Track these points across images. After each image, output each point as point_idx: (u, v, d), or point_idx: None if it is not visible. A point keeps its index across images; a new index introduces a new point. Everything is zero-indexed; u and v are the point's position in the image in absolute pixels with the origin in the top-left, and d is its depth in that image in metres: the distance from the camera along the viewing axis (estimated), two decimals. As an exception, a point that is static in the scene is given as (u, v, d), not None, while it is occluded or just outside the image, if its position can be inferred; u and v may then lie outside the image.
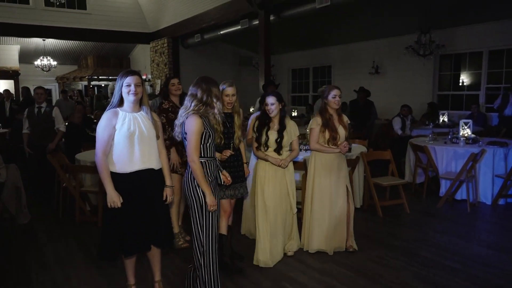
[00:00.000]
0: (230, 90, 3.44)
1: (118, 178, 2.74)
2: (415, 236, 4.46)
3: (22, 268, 3.80)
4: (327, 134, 3.86)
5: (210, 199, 2.80)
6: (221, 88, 3.42)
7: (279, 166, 3.67)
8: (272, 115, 3.67)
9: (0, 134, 8.65)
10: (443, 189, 5.72)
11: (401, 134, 7.97)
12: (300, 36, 11.97)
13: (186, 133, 2.81)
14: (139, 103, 2.84)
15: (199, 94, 2.84)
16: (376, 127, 9.35)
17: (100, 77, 16.06)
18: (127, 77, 2.75)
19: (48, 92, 14.14)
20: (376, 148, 7.79)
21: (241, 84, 13.89)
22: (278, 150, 3.71)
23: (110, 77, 16.35)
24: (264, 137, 3.66)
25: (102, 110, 8.99)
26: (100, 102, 13.12)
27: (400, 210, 5.30)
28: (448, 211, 5.36)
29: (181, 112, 2.88)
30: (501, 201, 5.53)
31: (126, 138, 2.73)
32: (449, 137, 6.09)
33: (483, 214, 5.22)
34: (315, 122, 3.93)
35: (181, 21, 11.75)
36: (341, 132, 3.91)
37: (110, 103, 2.81)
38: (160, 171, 2.93)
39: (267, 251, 3.69)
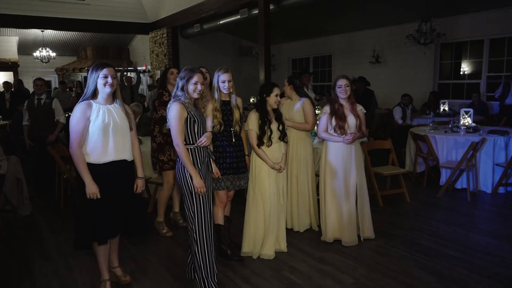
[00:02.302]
0: (225, 76, 3.40)
1: (92, 169, 2.77)
2: (415, 225, 4.48)
3: (24, 259, 3.83)
4: (334, 123, 3.86)
5: (196, 181, 2.88)
6: (216, 75, 3.41)
7: (279, 171, 3.65)
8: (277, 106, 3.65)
9: (1, 126, 8.65)
10: (443, 178, 5.73)
11: (402, 123, 7.96)
12: (300, 25, 11.87)
13: (169, 120, 2.92)
14: (112, 96, 2.87)
15: (180, 83, 2.95)
16: (376, 116, 9.33)
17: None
18: (103, 69, 2.76)
19: (48, 83, 14.10)
20: (377, 137, 7.78)
21: (241, 75, 13.89)
22: (283, 137, 3.69)
23: (109, 68, 16.30)
24: (268, 133, 3.60)
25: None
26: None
27: (401, 200, 5.31)
28: (449, 200, 5.37)
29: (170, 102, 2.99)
30: (501, 190, 5.54)
31: (100, 130, 2.76)
32: (450, 126, 6.08)
33: (483, 203, 5.23)
34: (324, 111, 3.96)
35: (180, 11, 11.65)
36: (351, 121, 3.88)
37: (83, 95, 2.81)
38: (132, 162, 2.99)
39: (272, 245, 3.71)
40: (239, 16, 10.29)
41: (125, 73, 11.15)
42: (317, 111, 4.88)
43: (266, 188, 3.64)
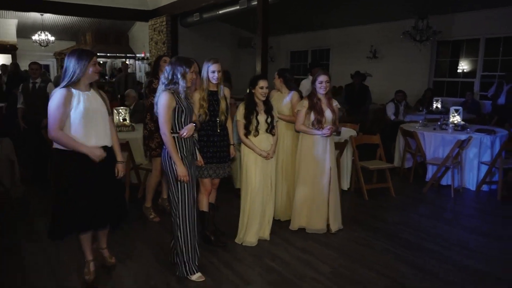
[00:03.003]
0: (215, 67, 3.48)
1: (72, 155, 2.79)
2: (398, 219, 4.59)
3: (14, 238, 3.93)
4: (312, 117, 3.95)
5: (180, 169, 2.97)
6: (206, 65, 3.49)
7: (266, 158, 3.74)
8: (264, 98, 3.73)
9: (-4, 108, 8.71)
10: (429, 174, 5.83)
11: (394, 119, 8.05)
12: (299, 18, 11.89)
13: (157, 108, 2.99)
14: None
15: (167, 73, 3.02)
16: (370, 112, 9.41)
17: (98, 54, 15.98)
18: (93, 56, 2.84)
19: (46, 67, 14.11)
20: (370, 133, 7.87)
21: (240, 65, 13.92)
22: (271, 129, 3.79)
23: (108, 54, 16.31)
24: (254, 123, 3.70)
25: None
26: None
27: (387, 194, 5.41)
28: (433, 195, 5.48)
29: (158, 90, 3.06)
30: (484, 188, 5.65)
31: (82, 117, 2.76)
32: (439, 123, 6.17)
33: (466, 200, 5.34)
34: (302, 105, 4.03)
35: (180, -1, 11.67)
36: (328, 115, 3.99)
37: (68, 81, 2.77)
38: (111, 148, 3.03)
39: (255, 233, 3.82)
40: (238, 7, 10.32)
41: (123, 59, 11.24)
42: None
43: (252, 177, 3.74)
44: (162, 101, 2.96)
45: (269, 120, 3.74)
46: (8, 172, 4.90)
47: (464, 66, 9.82)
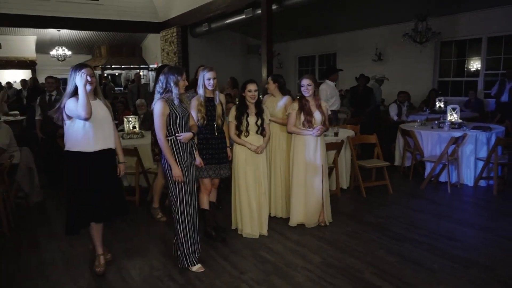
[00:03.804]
0: (210, 74, 3.78)
1: (81, 156, 3.20)
2: (391, 213, 4.80)
3: (32, 238, 4.31)
4: (302, 118, 4.24)
5: (175, 171, 3.27)
6: (202, 73, 3.81)
7: (255, 152, 4.03)
8: (253, 100, 4.03)
9: (18, 121, 9.21)
10: (428, 172, 6.01)
11: (397, 120, 8.23)
12: (306, 23, 12.18)
13: (154, 117, 3.30)
14: (93, 93, 3.27)
15: (161, 82, 3.31)
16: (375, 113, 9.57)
17: (113, 66, 16.58)
18: (82, 69, 3.14)
19: (64, 81, 14.68)
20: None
21: (249, 72, 14.25)
22: (261, 131, 4.09)
23: (123, 66, 16.87)
24: (244, 124, 4.01)
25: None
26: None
27: (384, 191, 5.62)
28: (431, 192, 5.67)
29: (154, 99, 3.37)
30: (482, 183, 5.80)
31: (89, 122, 3.16)
32: (436, 122, 6.35)
33: (463, 195, 5.50)
34: (292, 108, 4.32)
35: (189, 10, 12.07)
36: (317, 116, 4.27)
37: (69, 93, 3.17)
38: (114, 150, 3.41)
39: (250, 225, 4.12)
40: (244, 16, 10.67)
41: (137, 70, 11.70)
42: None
43: (242, 175, 4.06)
44: (157, 109, 3.27)
45: (259, 122, 4.03)
46: (27, 178, 5.30)
47: (467, 65, 9.94)
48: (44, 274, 3.50)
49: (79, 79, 3.08)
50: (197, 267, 3.47)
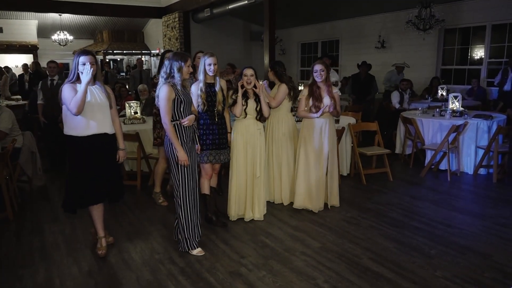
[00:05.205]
0: (211, 60, 3.79)
1: (77, 140, 3.25)
2: (391, 200, 4.84)
3: (36, 221, 4.36)
4: (310, 103, 4.31)
5: (180, 155, 3.30)
6: (202, 59, 3.81)
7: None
8: (249, 86, 4.05)
9: (20, 105, 9.24)
10: (428, 159, 6.03)
11: (399, 108, 8.21)
12: (309, 9, 12.07)
13: (159, 100, 3.31)
14: (93, 78, 3.26)
15: (165, 67, 3.32)
16: (376, 101, 9.57)
17: (115, 52, 16.52)
18: (81, 56, 3.18)
19: (66, 66, 14.67)
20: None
21: (251, 58, 14.21)
22: (260, 117, 4.14)
23: (124, 52, 16.81)
24: (244, 106, 4.06)
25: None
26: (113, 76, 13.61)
27: (385, 178, 5.65)
28: (431, 179, 5.69)
29: (158, 84, 3.38)
30: (482, 171, 5.82)
31: (85, 107, 3.17)
32: (437, 110, 6.35)
33: (462, 183, 5.53)
34: (301, 94, 4.42)
35: (191, -5, 12.00)
36: (326, 101, 4.32)
37: (68, 78, 3.25)
38: (113, 136, 3.44)
39: (234, 207, 4.23)
40: (246, 1, 10.59)
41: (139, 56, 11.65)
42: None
43: (240, 159, 4.11)
44: (163, 93, 3.28)
45: (258, 108, 4.06)
46: (30, 162, 5.34)
47: (471, 53, 9.87)
48: (47, 257, 3.55)
49: (85, 75, 3.11)
50: (197, 251, 3.52)
